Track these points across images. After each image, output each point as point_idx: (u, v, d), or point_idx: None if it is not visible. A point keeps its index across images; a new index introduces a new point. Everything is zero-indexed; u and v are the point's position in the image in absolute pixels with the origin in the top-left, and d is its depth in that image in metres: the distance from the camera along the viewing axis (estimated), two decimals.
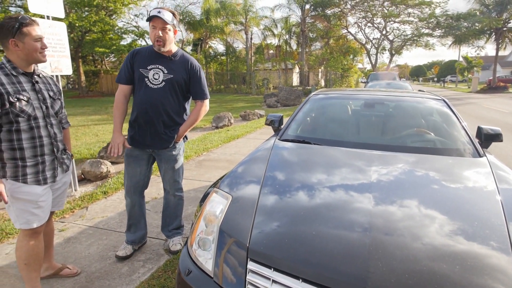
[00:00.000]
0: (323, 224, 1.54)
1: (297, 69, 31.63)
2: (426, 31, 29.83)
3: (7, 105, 1.81)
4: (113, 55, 28.33)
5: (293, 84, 29.71)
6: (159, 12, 2.25)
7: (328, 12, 27.65)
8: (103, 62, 31.52)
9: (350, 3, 27.52)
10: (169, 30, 2.32)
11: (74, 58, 23.51)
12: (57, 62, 3.92)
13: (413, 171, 2.10)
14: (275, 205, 1.71)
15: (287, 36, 30.19)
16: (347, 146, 2.52)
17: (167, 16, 2.26)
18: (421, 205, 1.68)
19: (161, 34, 2.28)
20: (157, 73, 2.37)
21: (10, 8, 21.00)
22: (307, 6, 26.62)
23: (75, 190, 4.17)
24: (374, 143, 2.57)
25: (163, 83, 2.38)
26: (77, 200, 3.82)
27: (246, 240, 1.48)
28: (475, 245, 1.40)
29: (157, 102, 2.38)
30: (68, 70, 4.06)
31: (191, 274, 1.55)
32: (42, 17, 3.79)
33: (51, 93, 2.08)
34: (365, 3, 27.55)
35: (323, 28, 28.55)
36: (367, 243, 1.39)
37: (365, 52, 32.78)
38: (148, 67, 2.37)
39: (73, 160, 4.14)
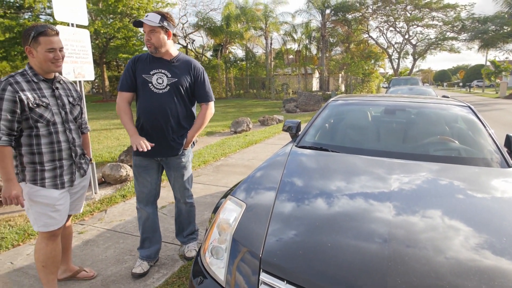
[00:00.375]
0: (339, 234, 1.48)
1: (317, 74, 31.44)
2: (451, 34, 29.03)
3: (27, 111, 1.87)
4: None
5: (313, 89, 29.52)
6: (146, 16, 2.22)
7: (349, 16, 27.39)
8: None
9: (371, 7, 27.17)
10: (157, 32, 2.23)
11: (98, 64, 24.28)
12: (80, 68, 4.02)
13: (436, 180, 2.01)
14: (290, 214, 1.67)
15: (307, 41, 30.09)
16: (366, 154, 2.45)
17: (152, 18, 2.20)
18: (445, 216, 1.60)
19: (147, 37, 2.24)
20: (160, 78, 2.32)
21: (40, 16, 21.90)
22: (328, 11, 26.47)
23: (95, 193, 4.25)
24: (394, 151, 2.48)
25: (168, 87, 2.33)
26: (96, 203, 3.89)
27: (259, 250, 1.44)
28: (504, 261, 1.31)
29: (163, 106, 2.32)
30: (90, 76, 4.16)
31: (203, 283, 1.53)
32: (67, 24, 3.92)
33: (71, 99, 2.12)
34: (387, 7, 27.12)
35: (343, 33, 28.28)
36: (386, 255, 1.33)
37: (387, 56, 32.22)
38: (151, 72, 2.32)
39: (94, 163, 4.24)
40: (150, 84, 2.31)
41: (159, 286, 2.33)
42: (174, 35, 2.41)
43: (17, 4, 22.23)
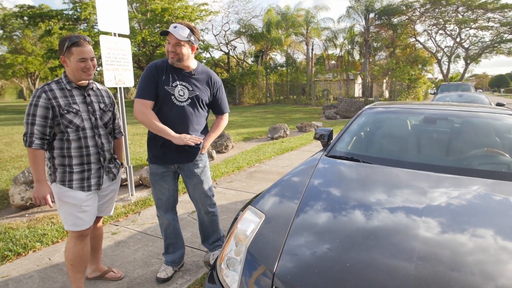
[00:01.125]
0: (360, 254, 1.37)
1: (359, 80, 30.58)
2: (510, 36, 26.86)
3: (59, 117, 1.99)
4: None
5: (355, 96, 28.70)
6: (175, 27, 2.21)
7: (394, 20, 26.37)
8: None
9: (419, 10, 25.95)
10: (183, 46, 2.23)
11: None
12: (121, 75, 4.21)
13: (484, 197, 1.83)
14: (310, 229, 1.58)
15: (349, 46, 29.40)
16: (401, 166, 2.28)
17: (181, 32, 2.19)
18: (497, 237, 1.43)
19: (172, 49, 2.23)
20: (182, 90, 2.34)
21: (94, 27, 23.51)
22: (371, 15, 25.71)
23: (132, 195, 4.41)
24: (432, 164, 2.29)
25: (189, 100, 2.35)
26: (131, 205, 4.02)
27: (272, 267, 1.38)
28: None
29: (184, 118, 2.34)
30: (130, 82, 4.34)
31: None
32: (109, 34, 4.13)
33: (102, 105, 2.20)
34: (436, 10, 25.75)
35: (388, 37, 27.28)
36: (417, 279, 1.20)
37: (436, 61, 30.56)
38: (173, 84, 2.32)
39: (131, 166, 4.40)
40: (172, 97, 2.31)
41: None
42: (197, 48, 2.41)
43: (75, 17, 24.07)
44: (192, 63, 2.38)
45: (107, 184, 2.26)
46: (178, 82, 2.33)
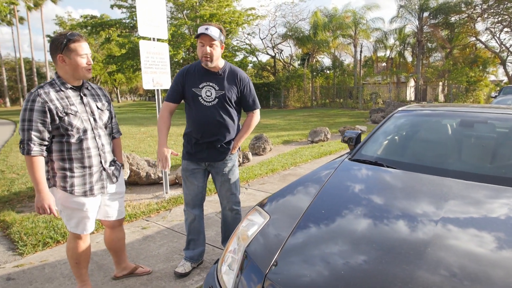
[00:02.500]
0: (359, 263, 1.30)
1: (412, 83, 29.01)
2: None
3: (57, 120, 1.90)
4: None
5: (407, 99, 27.26)
6: (206, 29, 2.27)
7: (452, 19, 24.65)
8: None
9: (480, 7, 24.01)
10: (216, 46, 2.32)
11: None
12: (159, 77, 4.42)
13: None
14: (312, 234, 1.54)
15: (400, 47, 28.03)
16: (429, 172, 2.12)
17: (214, 32, 2.28)
18: None
19: (208, 51, 2.30)
20: (209, 90, 2.40)
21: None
22: (425, 14, 24.28)
23: (166, 193, 4.59)
24: (464, 171, 2.11)
25: (216, 100, 2.40)
26: (164, 202, 4.19)
27: (265, 268, 1.36)
28: None
29: (212, 119, 2.40)
30: (167, 84, 4.54)
31: None
32: (148, 39, 4.36)
33: (99, 105, 2.14)
34: (501, 6, 23.64)
35: (444, 37, 25.57)
36: None
37: (500, 62, 28.02)
38: (200, 86, 2.40)
39: (167, 169, 4.59)
40: (199, 97, 2.40)
41: None
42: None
43: (131, 25, 25.74)
44: (220, 63, 2.45)
45: (110, 187, 2.21)
46: (205, 83, 2.40)
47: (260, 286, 1.31)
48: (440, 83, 27.65)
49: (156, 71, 4.39)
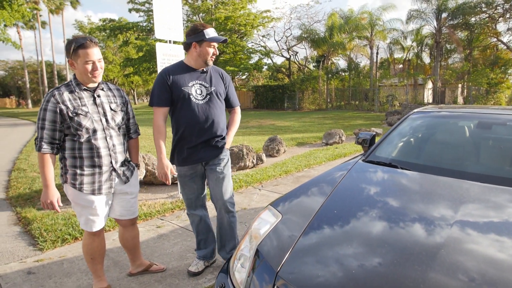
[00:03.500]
0: (368, 263, 1.30)
1: (430, 85, 28.45)
2: None
3: (68, 120, 1.98)
4: (241, 73, 30.97)
5: (424, 102, 26.75)
6: (215, 32, 2.40)
7: (472, 19, 24.06)
8: (234, 80, 34.80)
9: (502, 6, 23.37)
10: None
11: None
12: None
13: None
14: (324, 234, 1.54)
15: (418, 49, 27.55)
16: (444, 174, 2.08)
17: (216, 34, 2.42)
18: None
19: (215, 52, 2.42)
20: (199, 88, 2.40)
21: None
22: (444, 15, 23.79)
23: (180, 193, 4.65)
24: (480, 173, 2.07)
25: (208, 96, 2.42)
26: (178, 202, 4.25)
27: (276, 266, 1.37)
28: None
29: (206, 115, 2.39)
30: None
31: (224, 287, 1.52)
32: (165, 41, 4.44)
33: (113, 105, 2.17)
34: None
35: (464, 38, 24.99)
36: None
37: None
38: (190, 84, 2.38)
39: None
40: (191, 96, 2.36)
41: (208, 287, 2.41)
42: None
43: (148, 28, 26.21)
44: None
45: (121, 186, 2.23)
46: (194, 81, 2.40)
47: (272, 284, 1.32)
48: (460, 85, 27.02)
49: None
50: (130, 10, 27.31)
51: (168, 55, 4.40)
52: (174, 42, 4.54)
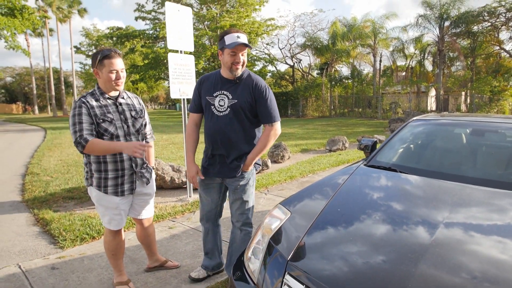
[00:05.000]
0: (366, 252, 1.48)
1: (433, 92, 28.61)
2: None
3: (95, 125, 2.14)
4: None
5: (428, 109, 26.89)
6: (238, 37, 2.15)
7: (474, 28, 24.26)
8: None
9: (504, 15, 23.57)
10: (245, 52, 2.25)
11: None
12: (185, 87, 4.72)
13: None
14: (328, 229, 1.73)
15: (420, 56, 27.76)
16: (440, 177, 2.26)
17: (245, 39, 2.18)
18: None
19: (241, 59, 2.22)
20: (222, 99, 2.28)
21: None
22: (446, 23, 24.03)
23: (190, 196, 4.84)
24: (464, 175, 2.25)
25: (228, 109, 2.26)
26: (188, 205, 4.44)
27: (288, 254, 1.56)
28: None
29: (223, 130, 2.28)
30: (192, 94, 4.83)
31: (239, 278, 1.71)
32: (176, 52, 4.68)
33: (133, 113, 2.33)
34: None
35: (466, 46, 25.18)
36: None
37: None
38: (214, 94, 2.30)
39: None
40: (212, 106, 2.30)
41: (221, 281, 2.59)
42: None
43: (154, 36, 26.66)
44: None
45: (140, 188, 2.39)
46: (219, 91, 2.29)
47: (284, 269, 1.50)
48: (463, 93, 27.15)
49: (182, 82, 4.69)
50: (136, 18, 27.86)
51: (179, 64, 4.63)
52: (185, 52, 4.77)
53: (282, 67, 37.52)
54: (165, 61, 22.80)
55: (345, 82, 30.81)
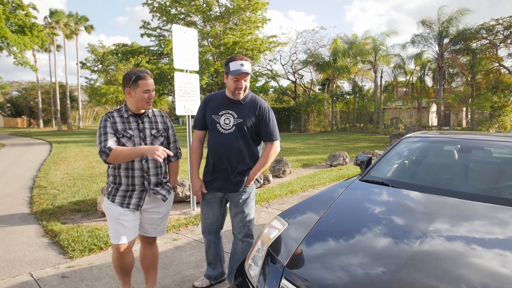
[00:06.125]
0: (357, 259, 1.63)
1: (434, 108, 28.88)
2: None
3: (116, 139, 2.23)
4: None
5: (429, 125, 27.10)
6: (241, 65, 2.31)
7: (473, 45, 24.70)
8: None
9: (502, 33, 24.02)
10: (248, 78, 2.41)
11: None
12: (190, 105, 4.93)
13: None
14: (322, 239, 1.88)
15: (421, 73, 28.16)
16: (429, 191, 2.41)
17: (248, 67, 2.33)
18: None
19: (243, 85, 2.39)
20: (227, 118, 2.43)
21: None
22: (446, 41, 24.49)
23: (193, 210, 4.99)
24: (452, 190, 2.41)
25: (234, 127, 2.42)
26: (192, 218, 4.59)
27: (284, 261, 1.71)
28: None
29: (227, 147, 2.42)
30: (196, 111, 5.04)
31: (240, 283, 1.85)
32: (182, 71, 4.91)
33: (154, 131, 2.37)
34: None
35: (465, 63, 25.57)
36: None
37: None
38: (220, 113, 2.45)
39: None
40: (218, 125, 2.45)
41: None
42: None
43: (159, 52, 27.26)
44: None
45: (151, 205, 2.37)
46: (224, 111, 2.45)
47: (280, 274, 1.66)
48: (464, 108, 27.39)
49: (187, 99, 4.91)
50: (142, 35, 28.62)
51: (185, 83, 4.85)
52: (190, 72, 5.01)
53: (284, 83, 38.13)
54: (169, 77, 23.25)
55: (346, 97, 31.17)
